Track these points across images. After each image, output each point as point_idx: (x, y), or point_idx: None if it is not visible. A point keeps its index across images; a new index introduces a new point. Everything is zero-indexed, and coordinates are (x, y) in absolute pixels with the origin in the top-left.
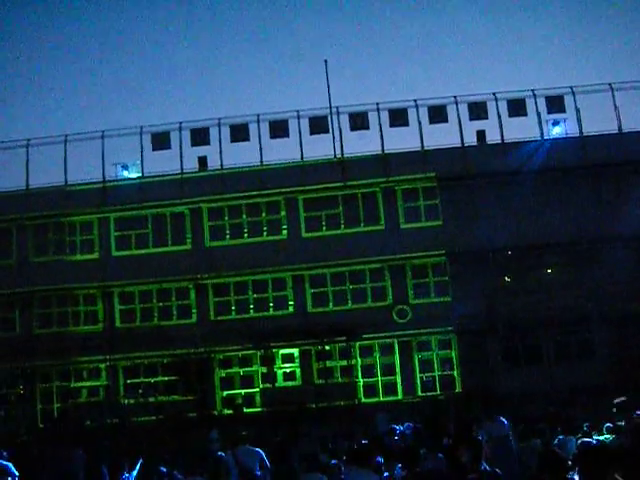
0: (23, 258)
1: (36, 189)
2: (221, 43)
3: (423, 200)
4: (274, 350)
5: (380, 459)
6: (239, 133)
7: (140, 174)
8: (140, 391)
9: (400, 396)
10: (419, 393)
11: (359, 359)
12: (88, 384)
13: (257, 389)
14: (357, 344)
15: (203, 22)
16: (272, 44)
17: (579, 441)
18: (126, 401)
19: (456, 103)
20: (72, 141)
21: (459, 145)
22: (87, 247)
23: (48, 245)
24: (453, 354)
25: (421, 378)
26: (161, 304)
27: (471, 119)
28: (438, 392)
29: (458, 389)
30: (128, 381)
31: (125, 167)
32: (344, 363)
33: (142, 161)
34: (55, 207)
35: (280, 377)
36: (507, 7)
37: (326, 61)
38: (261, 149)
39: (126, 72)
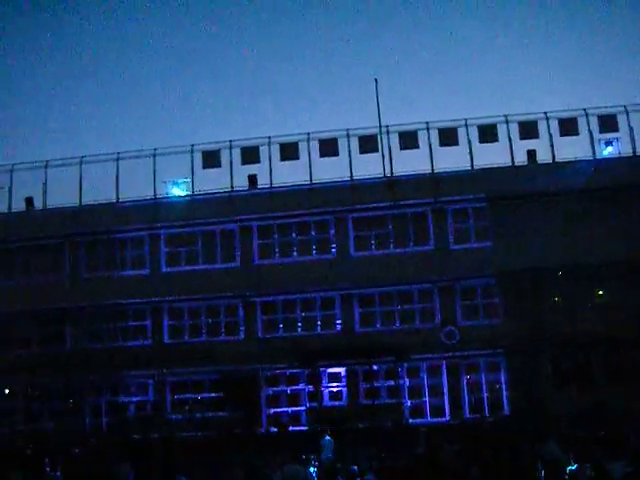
0: (75, 274)
1: (88, 206)
2: (271, 62)
3: (473, 220)
4: (321, 369)
5: None
6: (289, 152)
7: (190, 192)
8: (187, 407)
9: (447, 417)
10: (467, 415)
11: (406, 379)
12: (136, 399)
13: (303, 408)
14: (404, 365)
15: (254, 40)
16: (322, 63)
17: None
18: (173, 416)
19: (506, 122)
20: (124, 159)
21: (509, 165)
22: (137, 263)
23: (99, 261)
24: (502, 376)
25: (469, 400)
26: (209, 321)
27: (522, 138)
28: (486, 414)
29: (507, 411)
30: (175, 397)
31: (176, 184)
32: (391, 383)
33: (192, 179)
34: (106, 224)
35: (326, 396)
36: (558, 26)
37: (376, 80)
38: (311, 168)
39: (177, 91)
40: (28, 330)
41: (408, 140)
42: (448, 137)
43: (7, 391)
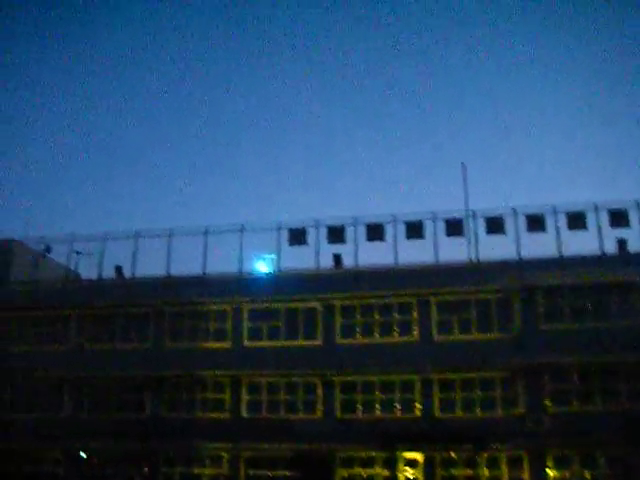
0: (159, 342)
1: (175, 277)
2: (360, 144)
3: (563, 301)
4: (398, 453)
5: None
6: (375, 232)
7: (276, 268)
8: None
9: None
10: None
11: (485, 469)
12: (209, 471)
13: None
14: (484, 454)
15: (346, 124)
16: (411, 147)
17: None
18: None
19: (596, 210)
20: (212, 233)
21: (598, 253)
22: (220, 336)
23: (183, 331)
24: (598, 471)
25: None
26: (288, 397)
27: (612, 226)
28: None
29: None
30: (249, 472)
31: (262, 260)
32: (469, 472)
33: (279, 255)
34: (192, 295)
35: None
36: None
37: (463, 164)
38: (396, 249)
39: (267, 170)
40: (110, 395)
41: (494, 225)
42: (535, 223)
43: (83, 454)
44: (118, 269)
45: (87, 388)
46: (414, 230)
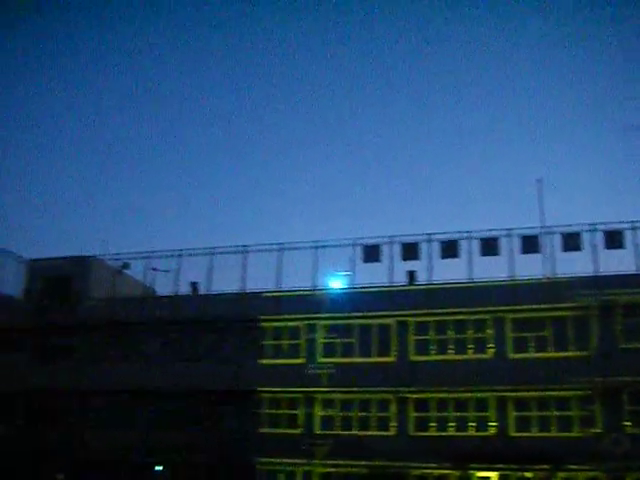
0: (240, 358)
1: (250, 293)
2: (437, 161)
3: None
4: (471, 472)
5: None
6: (449, 249)
7: (350, 284)
8: None
9: None
10: None
11: None
12: None
13: None
14: (561, 474)
15: (418, 140)
16: (485, 163)
17: None
18: None
19: None
20: (287, 249)
21: None
22: (293, 352)
23: (256, 348)
24: None
25: None
26: (361, 414)
27: None
28: None
29: None
30: None
31: (336, 277)
32: None
33: (353, 272)
34: (266, 311)
35: None
36: None
37: (539, 180)
38: (471, 266)
39: (339, 187)
40: (189, 410)
41: (571, 241)
42: (614, 240)
43: (161, 467)
44: (194, 285)
45: (166, 403)
46: (489, 247)
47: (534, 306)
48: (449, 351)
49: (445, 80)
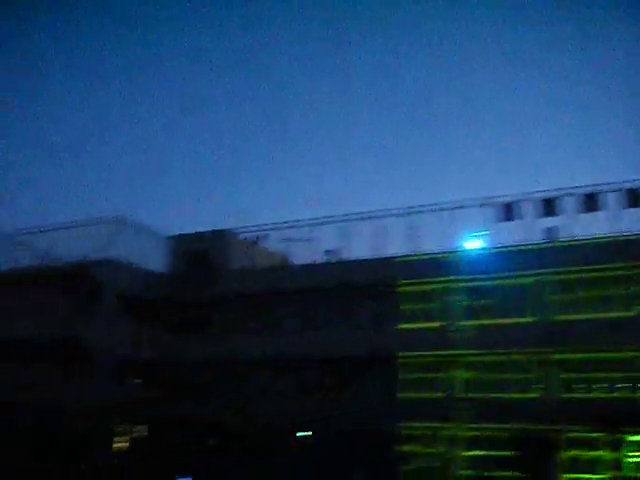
0: (378, 325)
1: (385, 258)
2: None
3: None
4: (623, 436)
5: None
6: (590, 203)
7: (487, 244)
8: (479, 465)
9: None
10: None
11: None
12: (424, 450)
13: (601, 476)
14: None
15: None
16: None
17: None
18: (462, 472)
19: None
20: (421, 212)
21: None
22: (431, 315)
23: (391, 313)
24: None
25: None
26: (504, 376)
27: None
28: None
29: None
30: (466, 453)
31: (471, 238)
32: None
33: (489, 232)
34: (401, 276)
35: (628, 466)
36: None
37: None
38: (614, 219)
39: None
40: (327, 377)
41: None
42: None
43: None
44: (329, 253)
45: (298, 371)
46: (635, 198)
47: None
48: (591, 309)
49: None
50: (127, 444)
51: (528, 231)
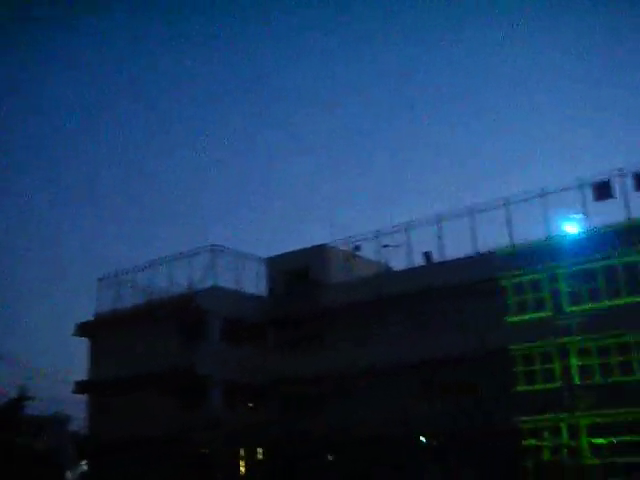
0: (485, 320)
1: (486, 253)
2: None
3: None
4: None
5: None
6: None
7: (585, 226)
8: (605, 452)
9: None
10: None
11: None
12: (547, 443)
13: None
14: None
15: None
16: None
17: None
18: (589, 462)
19: None
20: (513, 202)
21: None
22: (538, 305)
23: (494, 308)
24: None
25: None
26: (621, 359)
27: None
28: None
29: None
30: (592, 440)
31: (568, 221)
32: None
33: (585, 213)
34: (504, 269)
35: None
36: None
37: None
38: None
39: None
40: (440, 379)
41: None
42: None
43: (422, 439)
44: (426, 255)
45: (413, 375)
46: None
47: None
48: None
49: None
50: (244, 468)
51: (626, 208)
